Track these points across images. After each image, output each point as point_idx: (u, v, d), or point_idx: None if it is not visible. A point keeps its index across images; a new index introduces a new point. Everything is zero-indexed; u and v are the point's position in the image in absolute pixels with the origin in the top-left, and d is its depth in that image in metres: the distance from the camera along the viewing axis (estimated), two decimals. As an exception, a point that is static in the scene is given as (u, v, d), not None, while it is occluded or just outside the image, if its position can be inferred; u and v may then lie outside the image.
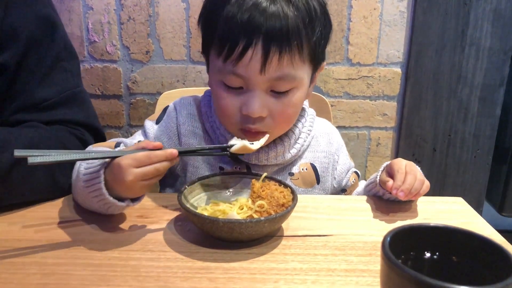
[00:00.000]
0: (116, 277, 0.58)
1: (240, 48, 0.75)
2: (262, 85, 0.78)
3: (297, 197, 0.72)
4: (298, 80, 0.80)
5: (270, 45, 0.74)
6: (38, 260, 0.62)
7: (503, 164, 1.64)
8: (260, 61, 0.75)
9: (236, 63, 0.76)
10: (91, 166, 0.70)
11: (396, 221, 0.78)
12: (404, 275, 0.39)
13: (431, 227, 0.48)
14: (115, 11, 1.47)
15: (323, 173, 0.94)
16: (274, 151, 0.87)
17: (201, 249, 0.66)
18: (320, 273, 0.61)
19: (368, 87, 1.55)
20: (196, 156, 0.87)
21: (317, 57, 0.83)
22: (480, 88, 1.52)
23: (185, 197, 0.73)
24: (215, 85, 0.82)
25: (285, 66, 0.77)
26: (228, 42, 0.76)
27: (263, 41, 0.74)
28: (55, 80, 0.90)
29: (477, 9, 1.45)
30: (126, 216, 0.76)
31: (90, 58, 1.51)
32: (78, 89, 0.95)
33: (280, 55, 0.75)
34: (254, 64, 0.76)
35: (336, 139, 0.99)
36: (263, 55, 0.75)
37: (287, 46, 0.75)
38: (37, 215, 0.76)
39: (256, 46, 0.75)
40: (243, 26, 0.74)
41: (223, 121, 0.86)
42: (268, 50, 0.75)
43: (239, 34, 0.75)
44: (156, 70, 1.52)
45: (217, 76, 0.81)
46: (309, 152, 0.94)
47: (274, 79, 0.78)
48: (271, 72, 0.76)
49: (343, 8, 1.47)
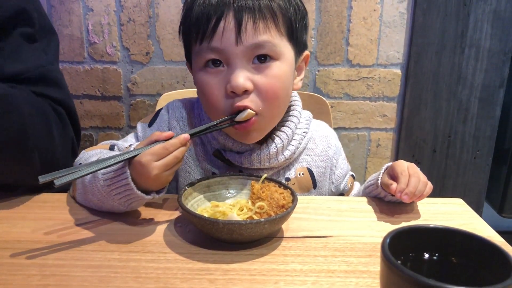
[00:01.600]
0: (116, 278, 0.58)
1: (213, 22, 0.76)
2: (242, 57, 0.77)
3: (297, 198, 0.72)
4: (278, 51, 0.79)
5: (242, 14, 0.75)
6: (38, 262, 0.62)
7: (503, 165, 1.65)
8: (234, 31, 0.76)
9: (211, 38, 0.77)
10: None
11: (396, 222, 0.78)
12: (404, 276, 0.39)
13: (430, 228, 0.48)
14: (115, 12, 1.47)
15: (320, 177, 0.93)
16: (266, 153, 0.85)
17: (201, 250, 0.66)
18: (320, 274, 0.61)
19: (368, 88, 1.55)
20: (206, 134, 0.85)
21: (296, 36, 0.83)
22: (480, 89, 1.52)
23: (185, 198, 0.73)
24: (198, 77, 0.82)
25: (261, 33, 0.77)
26: (201, 22, 0.77)
27: (234, 11, 0.75)
28: (26, 58, 0.89)
29: (476, 10, 1.45)
30: (126, 217, 0.76)
31: (90, 59, 1.51)
32: (53, 67, 0.94)
33: (254, 22, 0.76)
34: (228, 35, 0.76)
35: (334, 142, 0.97)
36: (236, 24, 0.75)
37: (259, 13, 0.76)
38: (37, 216, 0.76)
39: (228, 16, 0.76)
40: (213, 4, 0.76)
41: (213, 114, 0.83)
42: (240, 19, 0.75)
43: (210, 12, 0.76)
44: (156, 71, 1.52)
45: (197, 64, 0.81)
46: (306, 155, 0.93)
47: (252, 48, 0.77)
48: (248, 40, 0.76)
49: (343, 9, 1.47)
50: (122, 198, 0.71)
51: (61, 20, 1.48)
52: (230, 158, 0.86)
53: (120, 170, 0.70)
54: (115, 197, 0.72)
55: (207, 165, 0.89)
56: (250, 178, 0.81)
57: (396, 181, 0.78)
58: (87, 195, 0.77)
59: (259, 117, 0.80)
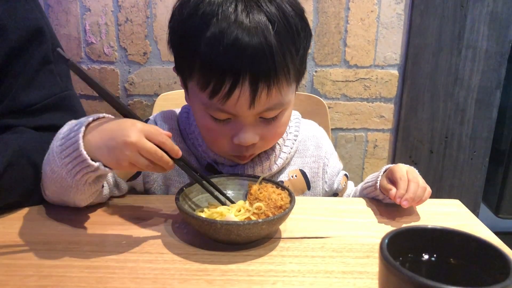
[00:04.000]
0: (114, 279, 0.58)
1: (227, 88, 0.70)
2: (252, 117, 0.76)
3: (294, 199, 0.72)
4: (286, 104, 0.78)
5: (257, 83, 0.71)
6: (35, 262, 0.62)
7: (499, 166, 1.65)
8: (249, 99, 0.72)
9: (223, 102, 0.72)
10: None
11: (394, 223, 0.78)
12: (402, 277, 0.39)
13: (429, 229, 0.48)
14: (112, 12, 1.47)
15: (313, 178, 0.93)
16: (260, 166, 0.86)
17: (199, 251, 0.66)
18: (318, 275, 0.61)
19: (365, 89, 1.55)
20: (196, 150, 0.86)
21: (302, 72, 0.80)
22: (476, 90, 1.53)
23: (182, 199, 0.73)
24: (200, 116, 0.79)
25: (274, 98, 0.74)
26: (212, 81, 0.71)
27: (250, 79, 0.70)
28: (42, 83, 0.87)
29: (473, 11, 1.45)
30: (123, 218, 0.76)
31: (88, 59, 1.51)
32: (67, 93, 0.91)
33: (268, 90, 0.72)
34: (242, 102, 0.72)
35: (325, 141, 0.96)
36: (251, 93, 0.71)
37: (275, 79, 0.72)
38: (34, 217, 0.76)
39: (243, 85, 0.70)
40: (227, 66, 0.70)
41: (213, 149, 0.84)
42: (256, 88, 0.71)
43: (224, 74, 0.70)
44: (154, 71, 1.52)
45: (201, 107, 0.77)
46: (298, 157, 0.92)
47: (263, 111, 0.75)
48: (260, 106, 0.74)
49: (341, 10, 1.47)
50: (70, 162, 0.65)
51: (58, 20, 1.47)
52: (224, 171, 0.86)
53: (77, 126, 0.66)
54: (64, 161, 0.66)
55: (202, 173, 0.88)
56: (247, 179, 0.81)
57: (395, 186, 0.78)
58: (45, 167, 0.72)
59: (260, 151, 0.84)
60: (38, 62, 0.86)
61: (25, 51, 0.85)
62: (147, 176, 0.87)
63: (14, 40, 0.82)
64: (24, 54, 0.85)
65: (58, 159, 0.67)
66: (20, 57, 0.84)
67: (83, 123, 0.66)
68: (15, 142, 0.78)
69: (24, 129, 0.83)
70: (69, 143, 0.66)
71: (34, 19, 0.86)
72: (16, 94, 0.84)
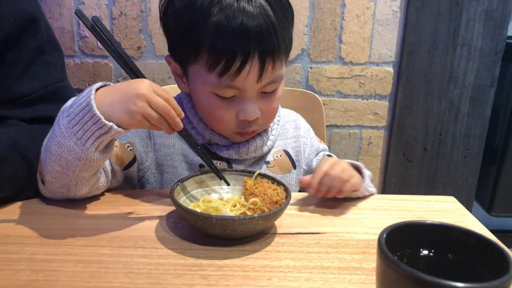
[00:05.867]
0: (107, 273, 0.58)
1: (237, 65, 0.76)
2: (255, 91, 0.82)
3: (290, 194, 0.71)
4: (283, 77, 0.85)
5: (265, 58, 0.77)
6: (28, 257, 0.61)
7: (492, 164, 1.66)
8: (258, 73, 0.78)
9: (234, 78, 0.77)
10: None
11: (389, 220, 0.77)
12: (401, 272, 0.39)
13: (427, 225, 0.47)
14: (106, 6, 1.45)
15: (297, 157, 0.97)
16: (254, 146, 0.90)
17: (194, 246, 0.65)
18: (314, 270, 0.60)
19: (360, 86, 1.55)
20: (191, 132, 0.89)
21: (291, 47, 0.86)
22: (471, 88, 1.53)
23: (177, 193, 0.72)
24: (205, 97, 0.83)
25: (276, 70, 0.81)
26: (223, 58, 0.76)
27: (259, 56, 0.77)
28: (36, 73, 0.86)
29: (469, 9, 1.46)
30: (118, 212, 0.75)
31: (81, 53, 1.49)
32: (62, 84, 0.91)
33: (273, 63, 0.79)
34: (252, 76, 0.78)
35: (302, 123, 1.03)
36: (260, 66, 0.78)
37: (278, 53, 0.79)
38: (27, 210, 0.75)
39: (253, 61, 0.77)
40: (237, 39, 0.75)
41: (217, 128, 0.88)
42: (264, 61, 0.77)
43: (235, 50, 0.75)
44: (148, 66, 1.51)
45: (207, 88, 0.81)
46: (280, 140, 0.97)
47: (266, 84, 0.81)
48: (266, 79, 0.80)
49: (336, 6, 1.47)
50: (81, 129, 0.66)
51: (52, 13, 1.45)
52: (218, 151, 0.89)
53: (84, 94, 0.68)
54: (74, 130, 0.67)
55: (193, 158, 0.89)
56: (243, 174, 0.81)
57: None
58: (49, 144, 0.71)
59: (259, 129, 0.89)
60: (33, 52, 0.85)
61: (19, 40, 0.83)
62: (141, 163, 0.89)
63: (7, 29, 0.81)
64: (18, 43, 0.83)
65: (66, 130, 0.67)
66: (14, 46, 0.83)
67: (91, 88, 0.68)
68: (7, 136, 0.76)
69: (17, 122, 0.82)
70: (78, 109, 0.67)
71: (28, 8, 0.85)
72: (10, 84, 0.83)
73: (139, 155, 0.87)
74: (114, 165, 0.83)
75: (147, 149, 0.89)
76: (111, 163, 0.82)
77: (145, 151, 0.88)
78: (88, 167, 0.70)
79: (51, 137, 0.71)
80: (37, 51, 0.86)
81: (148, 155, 0.89)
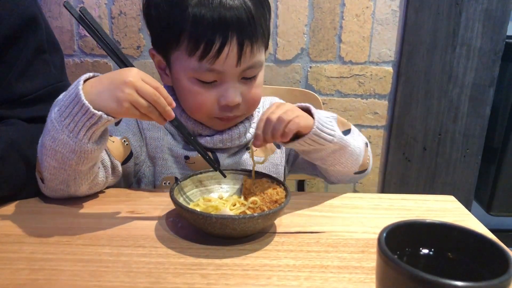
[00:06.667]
0: (107, 272, 0.58)
1: (217, 46, 0.78)
2: (236, 76, 0.83)
3: (290, 194, 0.71)
4: (262, 63, 0.87)
5: (243, 39, 0.79)
6: (27, 256, 0.61)
7: (491, 164, 1.66)
8: (236, 56, 0.80)
9: (213, 61, 0.79)
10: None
11: (388, 219, 0.78)
12: (401, 271, 0.39)
13: (427, 224, 0.47)
14: (106, 5, 1.45)
15: None
16: (237, 133, 0.91)
17: (193, 245, 0.65)
18: (313, 269, 0.60)
19: (360, 85, 1.55)
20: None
21: (268, 38, 0.89)
22: (470, 88, 1.53)
23: (177, 192, 0.72)
24: (187, 82, 0.84)
25: (255, 55, 0.83)
26: (202, 42, 0.78)
27: (237, 36, 0.79)
28: (36, 73, 0.86)
29: (468, 9, 1.45)
30: (117, 211, 0.75)
31: (81, 52, 1.49)
32: (62, 84, 0.90)
33: (251, 47, 0.81)
34: (231, 59, 0.80)
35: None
36: (239, 49, 0.80)
37: (255, 37, 0.81)
38: (26, 210, 0.75)
39: (232, 42, 0.79)
40: (215, 25, 0.78)
41: (197, 115, 0.88)
42: (242, 44, 0.79)
43: (214, 34, 0.78)
44: (147, 65, 1.50)
45: (188, 73, 0.83)
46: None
47: (246, 68, 0.83)
48: (245, 63, 0.82)
49: (336, 6, 1.47)
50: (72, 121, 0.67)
51: (51, 12, 1.45)
52: (202, 141, 0.90)
53: (73, 86, 0.69)
54: (65, 123, 0.67)
55: (179, 150, 0.91)
56: (242, 173, 0.81)
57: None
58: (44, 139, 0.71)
59: (241, 117, 0.91)
60: (32, 51, 0.85)
61: (19, 40, 0.83)
62: (137, 158, 0.90)
63: (7, 28, 0.81)
64: (17, 42, 0.83)
65: (58, 123, 0.68)
66: (14, 46, 0.83)
67: (79, 79, 0.69)
68: (6, 135, 0.76)
69: (17, 121, 0.82)
70: (68, 102, 0.67)
71: (28, 7, 0.85)
72: (9, 83, 0.82)
73: (134, 150, 0.89)
74: (114, 160, 0.83)
75: (141, 143, 0.91)
76: (111, 158, 0.83)
77: (139, 145, 0.90)
78: (84, 159, 0.70)
79: (45, 132, 0.71)
80: (36, 51, 0.86)
81: (142, 149, 0.91)
